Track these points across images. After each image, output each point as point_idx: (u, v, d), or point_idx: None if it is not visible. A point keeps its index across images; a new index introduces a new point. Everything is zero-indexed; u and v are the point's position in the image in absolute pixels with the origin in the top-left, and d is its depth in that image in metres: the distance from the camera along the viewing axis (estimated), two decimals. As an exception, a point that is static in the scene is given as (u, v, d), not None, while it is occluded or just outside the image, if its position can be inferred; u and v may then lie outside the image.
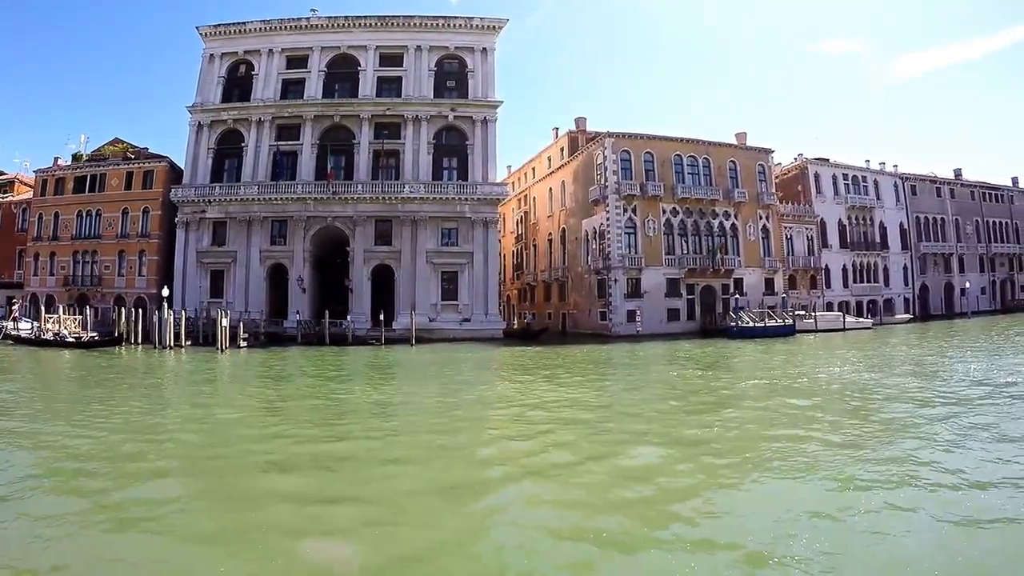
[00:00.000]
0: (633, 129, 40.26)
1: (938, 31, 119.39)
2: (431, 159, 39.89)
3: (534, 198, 48.68)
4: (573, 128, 44.76)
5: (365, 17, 41.40)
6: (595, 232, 39.91)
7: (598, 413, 11.81)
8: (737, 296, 37.21)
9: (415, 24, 41.34)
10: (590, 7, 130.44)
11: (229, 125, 40.99)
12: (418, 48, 41.20)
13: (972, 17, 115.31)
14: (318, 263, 40.78)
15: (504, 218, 54.88)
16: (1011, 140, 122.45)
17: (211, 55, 41.78)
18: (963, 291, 50.64)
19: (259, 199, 39.01)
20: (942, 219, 51.84)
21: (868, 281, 47.80)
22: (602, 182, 39.21)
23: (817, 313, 38.76)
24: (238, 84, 42.02)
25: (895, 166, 50.81)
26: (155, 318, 32.93)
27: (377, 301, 38.53)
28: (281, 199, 38.89)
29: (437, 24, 41.40)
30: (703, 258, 39.62)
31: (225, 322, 31.27)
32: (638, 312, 37.43)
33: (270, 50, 41.54)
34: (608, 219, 38.54)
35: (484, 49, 41.48)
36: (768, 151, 44.11)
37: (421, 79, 40.80)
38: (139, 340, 33.79)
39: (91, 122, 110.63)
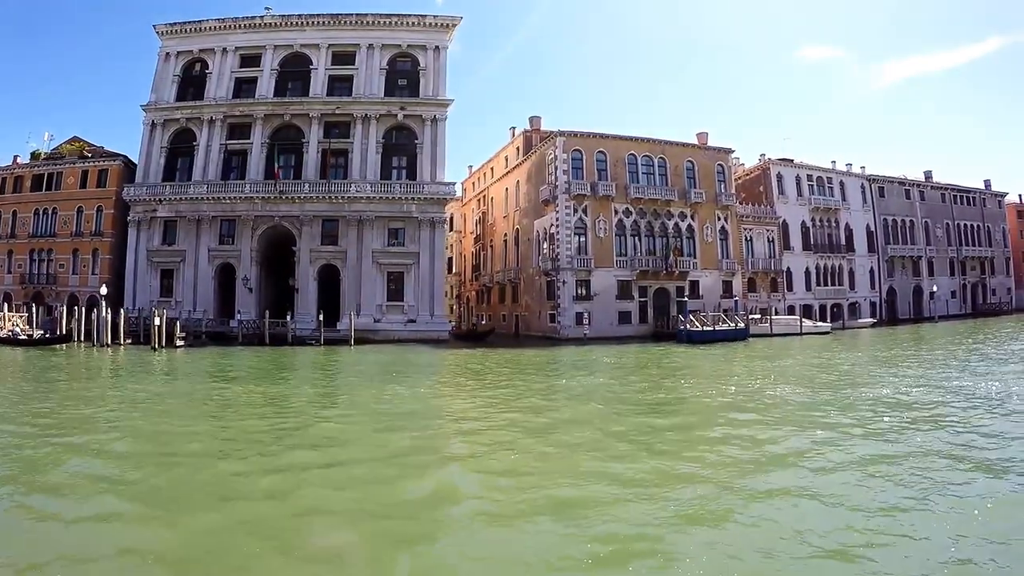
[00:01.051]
0: (586, 128, 38.44)
1: (918, 40, 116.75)
2: (379, 158, 38.39)
3: (492, 198, 47.04)
4: (529, 128, 43.02)
5: (318, 15, 39.98)
6: (545, 233, 38.21)
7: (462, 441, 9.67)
8: (686, 299, 35.31)
9: (368, 22, 39.85)
10: (578, 15, 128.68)
11: (182, 124, 39.71)
12: (370, 46, 39.71)
13: (951, 27, 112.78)
14: (268, 263, 39.41)
15: (465, 219, 53.45)
16: (989, 146, 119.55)
17: (167, 53, 40.52)
18: (932, 295, 48.35)
19: (208, 198, 37.73)
20: (911, 221, 49.54)
21: (832, 284, 45.67)
22: (552, 182, 37.51)
23: (773, 317, 36.75)
24: (193, 83, 40.72)
25: (862, 167, 48.61)
26: (94, 316, 32.39)
27: (324, 301, 37.29)
28: (229, 198, 37.60)
29: (390, 22, 39.90)
30: (656, 260, 37.78)
31: (158, 321, 30.41)
32: (585, 315, 35.66)
33: (224, 49, 40.21)
34: (558, 219, 36.83)
35: (437, 47, 39.90)
36: (728, 151, 42.19)
37: (372, 78, 39.29)
38: (83, 338, 32.80)
39: (57, 121, 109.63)
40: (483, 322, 42.89)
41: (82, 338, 32.70)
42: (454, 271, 52.13)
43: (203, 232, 38.11)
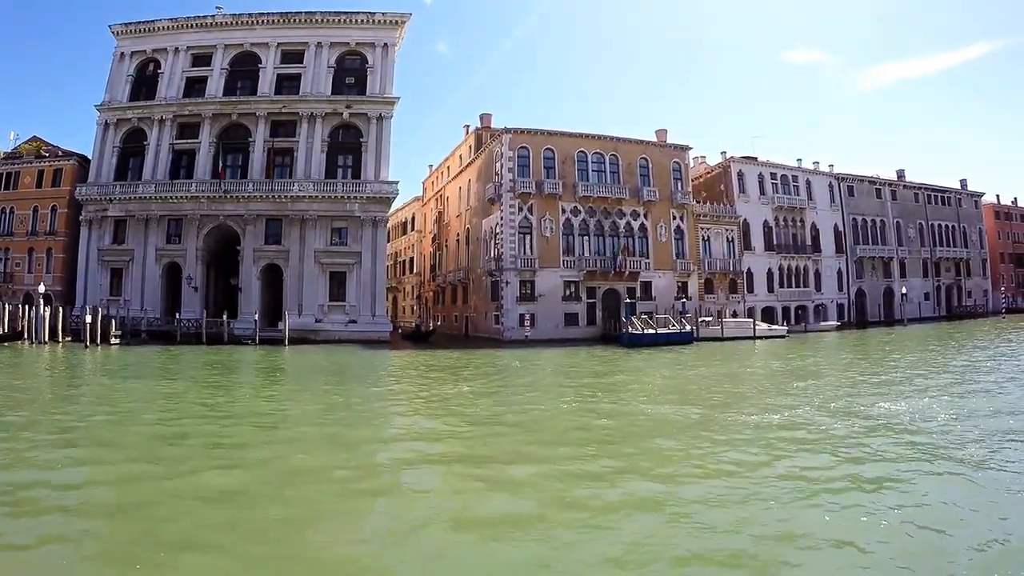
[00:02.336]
0: (534, 125, 36.44)
1: (903, 44, 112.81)
2: (324, 157, 36.83)
3: (448, 197, 45.17)
4: (479, 125, 41.13)
5: (268, 14, 38.59)
6: (491, 232, 36.29)
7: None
8: (636, 301, 33.16)
9: (317, 20, 38.34)
10: (568, 18, 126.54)
11: (134, 124, 38.55)
12: (319, 45, 38.19)
13: (938, 32, 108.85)
14: (216, 262, 38.13)
15: (425, 218, 51.70)
16: (973, 149, 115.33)
17: (121, 53, 39.41)
18: (904, 296, 45.38)
19: (156, 198, 36.52)
20: (882, 221, 46.61)
21: (797, 286, 43.01)
22: (497, 180, 35.58)
23: (725, 320, 34.34)
24: (146, 83, 39.54)
25: (830, 166, 45.81)
26: (32, 314, 31.73)
27: (269, 301, 36.03)
28: (176, 198, 36.33)
29: (339, 20, 38.34)
30: (605, 260, 35.61)
31: (89, 319, 29.74)
32: (526, 316, 33.66)
33: (176, 48, 38.97)
34: (502, 218, 34.89)
35: (385, 44, 38.26)
36: (685, 148, 39.83)
37: (320, 76, 37.75)
38: (30, 336, 31.95)
39: (24, 121, 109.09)
40: (426, 323, 41.05)
41: (33, 336, 31.93)
42: (415, 271, 50.42)
43: (151, 231, 36.94)
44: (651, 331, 30.14)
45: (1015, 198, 55.11)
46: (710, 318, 34.30)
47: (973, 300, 49.06)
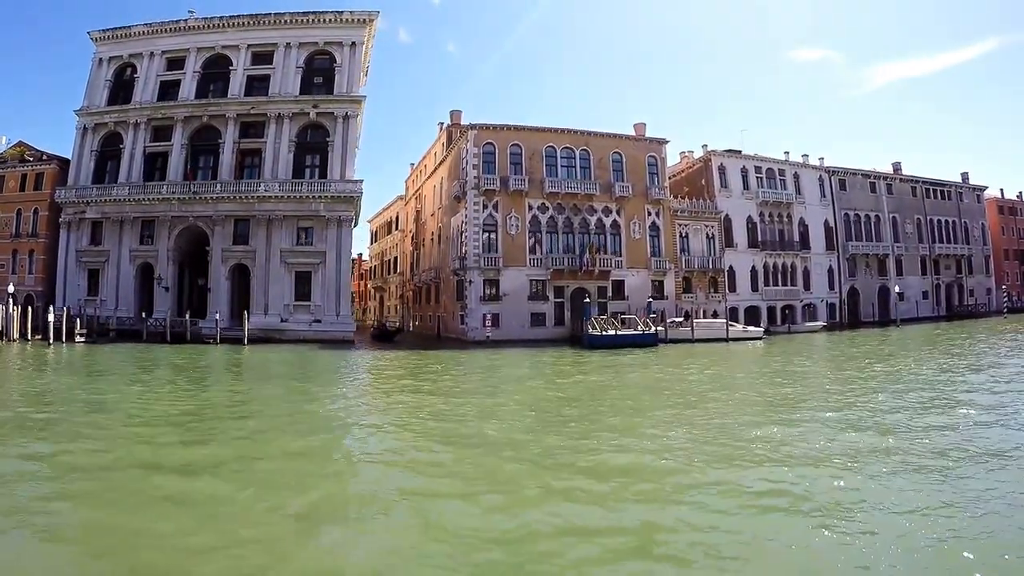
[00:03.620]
0: (501, 120, 35.08)
1: (908, 42, 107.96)
2: (292, 157, 36.20)
3: (424, 196, 44.09)
4: (449, 122, 39.94)
5: (238, 16, 38.22)
6: (458, 231, 35.04)
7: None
8: (599, 300, 31.52)
9: (286, 21, 37.81)
10: (571, 18, 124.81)
11: (111, 128, 38.57)
12: (288, 45, 37.64)
13: (945, 28, 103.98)
14: (189, 262, 37.86)
15: (407, 217, 50.72)
16: (977, 147, 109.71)
17: (100, 59, 39.52)
18: (901, 296, 42.49)
19: (130, 200, 36.47)
20: (876, 217, 43.77)
21: (784, 284, 40.60)
22: (462, 177, 34.34)
23: (696, 320, 32.33)
24: (123, 87, 39.58)
25: (820, 159, 43.25)
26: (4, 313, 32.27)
27: (237, 300, 35.56)
28: (149, 200, 36.19)
29: (307, 20, 37.72)
30: (573, 258, 34.00)
31: (52, 317, 30.18)
32: (487, 316, 32.27)
33: (151, 53, 38.88)
34: (467, 216, 33.61)
35: (353, 43, 37.48)
36: (662, 142, 37.95)
37: (288, 76, 37.19)
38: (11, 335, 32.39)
39: (19, 128, 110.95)
40: (403, 322, 40.05)
41: (13, 335, 32.26)
42: (399, 271, 49.46)
43: (125, 233, 36.92)
44: (611, 332, 28.39)
45: (1020, 192, 51.43)
46: (681, 318, 32.34)
47: (975, 299, 45.71)
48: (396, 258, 49.64)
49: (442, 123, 42.12)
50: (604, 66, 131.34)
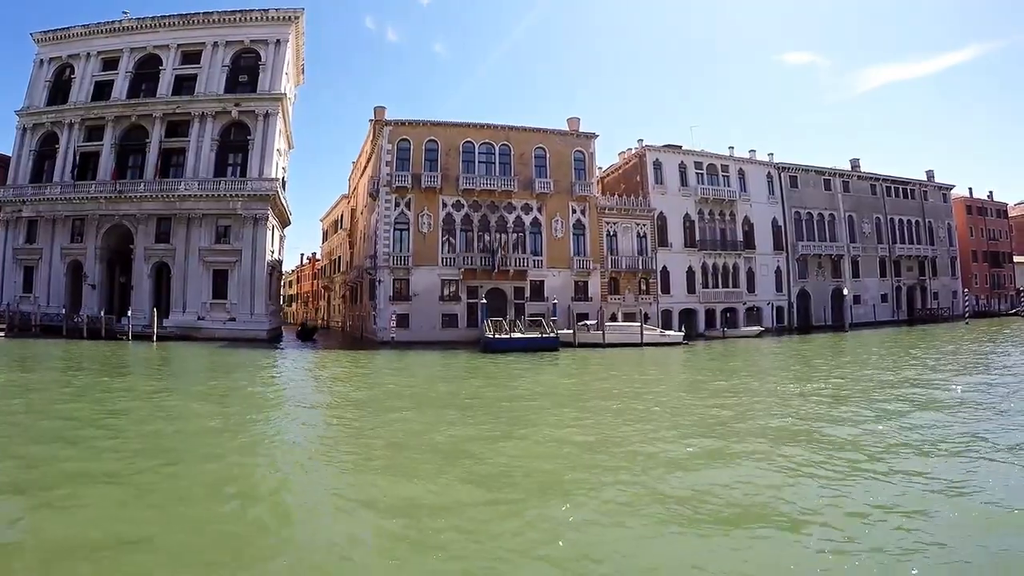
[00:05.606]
0: (418, 116, 34.79)
1: (894, 47, 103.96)
2: (214, 156, 36.78)
3: (358, 193, 44.14)
4: (373, 118, 39.73)
5: (169, 16, 38.98)
6: (373, 229, 34.90)
7: None
8: (482, 303, 30.93)
9: (214, 20, 38.38)
10: (567, 22, 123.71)
11: (48, 128, 39.80)
12: (215, 44, 38.21)
13: (928, 35, 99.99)
14: (119, 260, 38.72)
15: (351, 216, 50.79)
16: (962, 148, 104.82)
17: (41, 60, 40.84)
18: (856, 299, 40.51)
19: (61, 199, 37.54)
20: (831, 215, 41.86)
21: (725, 286, 39.19)
22: (376, 174, 34.18)
23: (608, 324, 31.34)
24: (62, 88, 40.79)
25: (770, 154, 41.55)
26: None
27: (160, 298, 36.24)
28: (79, 199, 37.21)
29: (234, 18, 38.24)
30: (487, 257, 33.45)
31: None
32: (393, 316, 31.98)
33: (88, 54, 39.98)
34: (379, 214, 33.43)
35: (278, 41, 37.82)
36: (590, 136, 37.10)
37: (215, 75, 37.75)
38: None
39: None
40: (308, 321, 40.04)
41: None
42: (342, 269, 49.64)
43: (58, 231, 38.01)
44: (504, 336, 27.76)
45: (990, 192, 48.35)
46: (593, 322, 31.40)
47: (938, 303, 43.15)
48: (340, 257, 49.85)
49: (371, 120, 42.04)
50: (592, 68, 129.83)
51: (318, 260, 61.91)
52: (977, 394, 12.61)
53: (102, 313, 35.13)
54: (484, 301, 31.01)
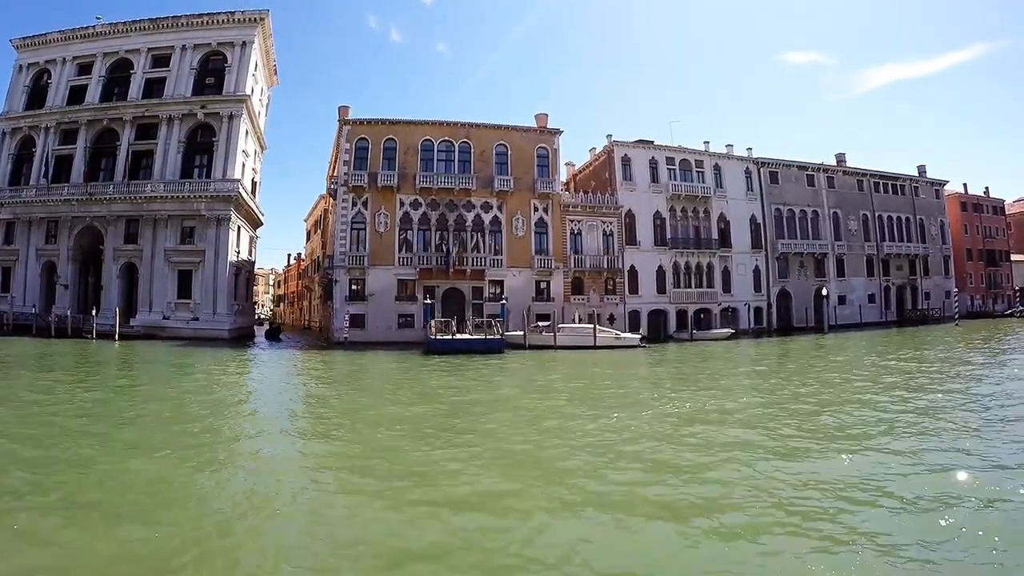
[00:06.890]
0: (381, 115, 34.84)
1: (900, 46, 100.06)
2: (180, 158, 37.60)
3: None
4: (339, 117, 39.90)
5: (140, 21, 39.99)
6: (332, 228, 35.04)
7: None
8: (427, 303, 30.70)
9: (183, 23, 39.20)
10: (568, 20, 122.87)
11: (25, 132, 41.18)
12: (184, 47, 39.00)
13: (930, 35, 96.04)
14: (89, 260, 39.81)
15: (323, 216, 51.13)
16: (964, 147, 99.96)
17: (20, 65, 42.31)
18: (841, 299, 39.03)
19: (36, 201, 38.82)
20: (814, 212, 40.45)
21: (699, 286, 38.22)
22: (334, 174, 34.31)
23: (561, 326, 30.75)
24: (39, 92, 42.17)
25: (748, 149, 40.37)
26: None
27: (128, 298, 37.14)
28: (53, 201, 38.39)
29: (202, 21, 38.98)
30: (443, 257, 33.25)
31: None
32: (346, 316, 32.04)
33: (64, 59, 41.26)
34: (335, 214, 33.57)
35: (244, 43, 38.40)
36: (554, 132, 36.60)
37: (183, 78, 38.57)
38: None
39: None
40: (274, 320, 40.37)
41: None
42: (320, 269, 50.06)
43: (33, 233, 39.30)
44: (447, 337, 27.51)
45: (986, 188, 45.93)
46: (545, 323, 30.91)
47: (929, 303, 41.17)
48: (319, 257, 50.32)
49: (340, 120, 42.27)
50: (595, 69, 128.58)
51: (303, 260, 62.84)
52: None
53: (69, 313, 36.21)
54: (429, 301, 30.81)
